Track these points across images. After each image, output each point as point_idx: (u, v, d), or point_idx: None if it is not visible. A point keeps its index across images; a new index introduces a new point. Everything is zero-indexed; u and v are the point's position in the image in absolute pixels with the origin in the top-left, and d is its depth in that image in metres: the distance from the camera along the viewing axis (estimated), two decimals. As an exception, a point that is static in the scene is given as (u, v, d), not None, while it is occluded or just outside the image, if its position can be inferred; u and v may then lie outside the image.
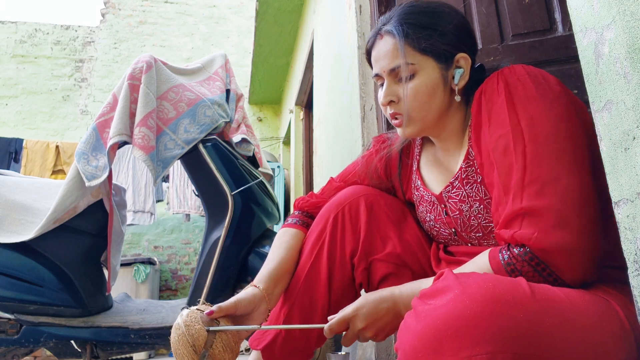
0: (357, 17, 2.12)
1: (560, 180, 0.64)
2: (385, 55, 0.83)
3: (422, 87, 0.81)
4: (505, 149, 0.70)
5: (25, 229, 1.67)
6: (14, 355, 1.71)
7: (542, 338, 0.51)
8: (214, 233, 1.76)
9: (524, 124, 0.69)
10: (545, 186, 0.64)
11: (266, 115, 6.32)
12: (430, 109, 0.82)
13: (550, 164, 0.65)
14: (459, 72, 0.82)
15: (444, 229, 0.90)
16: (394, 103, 0.84)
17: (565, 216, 0.62)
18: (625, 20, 0.57)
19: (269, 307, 0.87)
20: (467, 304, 0.52)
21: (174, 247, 5.46)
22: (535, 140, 0.67)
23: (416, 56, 0.81)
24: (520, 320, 0.51)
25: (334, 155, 2.63)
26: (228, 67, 2.09)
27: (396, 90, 0.83)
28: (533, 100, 0.70)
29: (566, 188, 0.64)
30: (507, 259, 0.66)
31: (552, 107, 0.69)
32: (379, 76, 0.86)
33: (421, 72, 0.81)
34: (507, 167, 0.69)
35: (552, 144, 0.66)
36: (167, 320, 1.70)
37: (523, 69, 0.75)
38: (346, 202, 0.96)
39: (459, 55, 0.83)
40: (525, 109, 0.70)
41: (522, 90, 0.72)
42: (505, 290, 0.53)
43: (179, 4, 6.49)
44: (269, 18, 4.28)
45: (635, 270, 0.57)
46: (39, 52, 5.91)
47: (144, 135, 1.62)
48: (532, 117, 0.69)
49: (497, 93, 0.74)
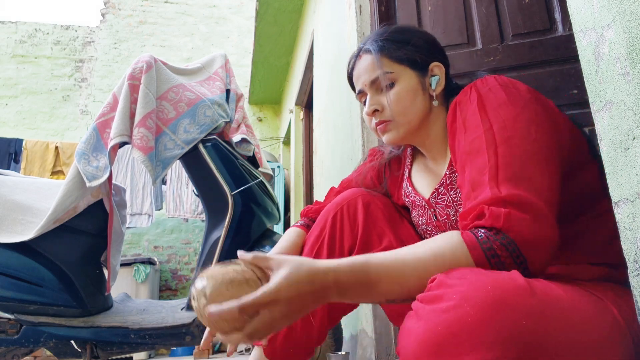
0: (357, 17, 2.12)
1: (532, 179, 0.65)
2: (365, 70, 0.91)
3: (403, 92, 0.87)
4: (478, 150, 0.71)
5: (25, 229, 1.67)
6: (14, 355, 1.71)
7: (544, 341, 0.51)
8: (214, 233, 1.76)
9: (496, 127, 0.71)
10: (520, 182, 0.65)
11: (266, 115, 6.32)
12: (413, 112, 0.88)
13: (522, 163, 0.66)
14: (434, 79, 0.90)
15: (436, 232, 0.94)
16: (378, 112, 0.90)
17: (541, 210, 0.63)
18: (625, 20, 0.57)
19: None
20: (467, 309, 0.51)
21: (174, 247, 5.46)
22: (507, 142, 0.69)
23: (393, 65, 0.88)
24: (522, 324, 0.50)
25: (334, 155, 2.63)
26: (228, 67, 2.09)
27: (379, 100, 0.89)
28: (504, 106, 0.73)
29: (539, 187, 0.65)
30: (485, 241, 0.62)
31: (522, 111, 0.72)
32: (362, 92, 0.93)
33: (400, 80, 0.88)
34: (480, 166, 0.69)
35: (524, 146, 0.68)
36: (167, 320, 1.70)
37: (494, 79, 0.79)
38: (344, 202, 1.01)
39: (433, 64, 0.90)
40: (497, 114, 0.72)
41: (494, 97, 0.75)
42: (505, 293, 0.53)
43: (179, 4, 6.49)
44: (269, 18, 4.28)
45: (635, 270, 0.57)
46: (39, 52, 5.91)
47: (142, 136, 1.62)
48: (504, 120, 0.71)
49: (470, 101, 0.77)
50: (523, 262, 0.61)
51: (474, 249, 0.62)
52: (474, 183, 0.69)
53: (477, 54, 1.69)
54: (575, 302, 0.57)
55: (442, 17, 1.79)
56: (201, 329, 1.66)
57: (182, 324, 1.65)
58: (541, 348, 0.50)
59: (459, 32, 1.74)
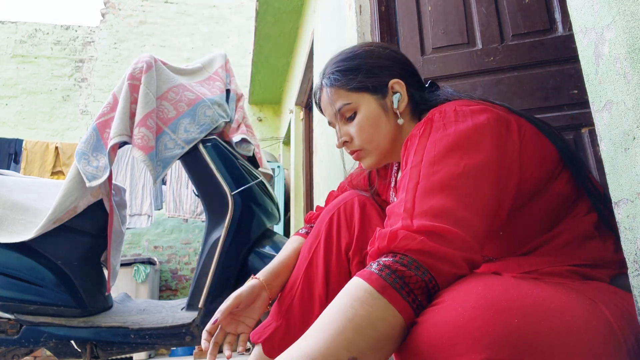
0: (357, 17, 2.12)
1: (453, 215, 0.61)
2: (327, 104, 0.93)
3: (365, 121, 0.88)
4: (401, 187, 0.68)
5: (25, 229, 1.67)
6: (14, 355, 1.71)
7: (537, 342, 0.51)
8: (214, 233, 1.76)
9: (425, 162, 0.67)
10: (436, 216, 0.60)
11: (266, 115, 6.32)
12: (379, 137, 0.88)
13: (442, 199, 0.62)
14: (396, 97, 0.88)
15: None
16: (347, 143, 0.92)
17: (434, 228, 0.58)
18: (625, 20, 0.57)
19: (269, 295, 0.95)
20: (459, 311, 0.51)
21: (174, 247, 5.46)
22: (429, 177, 0.65)
23: (351, 96, 0.88)
24: (515, 326, 0.50)
25: (334, 155, 2.63)
26: (228, 67, 2.09)
27: (346, 131, 0.91)
28: (445, 138, 0.69)
29: (460, 220, 0.61)
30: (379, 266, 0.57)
31: (462, 146, 0.67)
32: (332, 122, 0.95)
33: (361, 108, 0.88)
34: (397, 203, 0.66)
35: (449, 181, 0.64)
36: (167, 320, 1.70)
37: (454, 104, 0.74)
38: (341, 203, 1.03)
39: (392, 82, 0.88)
40: (433, 147, 0.68)
41: (441, 128, 0.70)
42: (498, 296, 0.53)
43: (179, 4, 6.49)
44: (269, 18, 4.28)
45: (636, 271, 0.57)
46: (39, 52, 5.91)
47: (143, 136, 1.62)
48: (436, 155, 0.67)
49: (418, 130, 0.74)
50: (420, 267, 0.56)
51: (368, 277, 0.56)
52: (392, 217, 0.65)
53: (477, 54, 1.69)
54: (567, 303, 0.56)
55: (442, 17, 1.79)
56: (201, 329, 1.66)
57: (182, 324, 1.65)
58: (534, 349, 0.50)
59: (459, 32, 1.74)
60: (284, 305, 0.96)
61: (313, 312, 0.94)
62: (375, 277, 0.56)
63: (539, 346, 0.51)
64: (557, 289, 0.59)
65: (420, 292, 0.56)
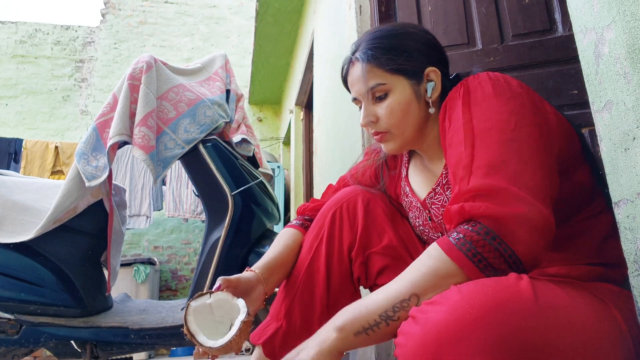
0: (357, 17, 2.12)
1: (508, 166, 0.63)
2: (357, 79, 0.88)
3: (397, 105, 0.85)
4: (457, 142, 0.71)
5: (25, 229, 1.67)
6: (14, 355, 1.71)
7: (544, 346, 0.50)
8: (214, 233, 1.76)
9: (476, 121, 0.70)
10: (493, 169, 0.63)
11: (266, 115, 6.32)
12: (407, 124, 0.86)
13: (498, 150, 0.65)
14: (430, 85, 0.86)
15: (433, 234, 0.92)
16: (373, 123, 0.88)
17: (515, 193, 0.61)
18: (625, 21, 0.57)
19: (265, 290, 0.92)
20: (467, 310, 0.51)
21: (174, 247, 5.46)
22: (485, 133, 0.68)
23: (386, 76, 0.85)
24: (522, 328, 0.50)
25: (334, 155, 2.63)
26: (228, 67, 2.09)
27: (373, 110, 0.87)
28: (488, 99, 0.72)
29: (515, 173, 0.63)
30: (459, 238, 0.61)
31: (506, 103, 0.70)
32: (356, 100, 0.91)
33: (394, 91, 0.85)
34: (457, 158, 0.69)
35: (501, 135, 0.67)
36: (167, 320, 1.70)
37: (486, 74, 0.77)
38: (344, 199, 0.99)
39: (429, 69, 0.86)
40: (479, 108, 0.71)
41: (480, 91, 0.73)
42: (506, 297, 0.52)
43: (179, 4, 6.49)
44: (269, 18, 4.27)
45: (636, 271, 0.57)
46: (39, 52, 5.91)
47: (144, 135, 1.62)
48: (485, 113, 0.70)
49: (457, 97, 0.76)
50: (502, 244, 0.59)
51: (450, 249, 0.61)
52: (454, 176, 0.69)
53: (477, 54, 1.69)
54: (578, 308, 0.56)
55: (442, 17, 1.79)
56: (201, 329, 1.66)
57: (182, 324, 1.65)
58: (541, 352, 0.50)
59: (459, 32, 1.74)
60: (284, 305, 0.94)
61: (314, 314, 0.93)
62: (451, 247, 0.62)
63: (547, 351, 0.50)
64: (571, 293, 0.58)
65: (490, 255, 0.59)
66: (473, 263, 0.59)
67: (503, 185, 0.61)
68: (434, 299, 0.56)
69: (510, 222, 0.59)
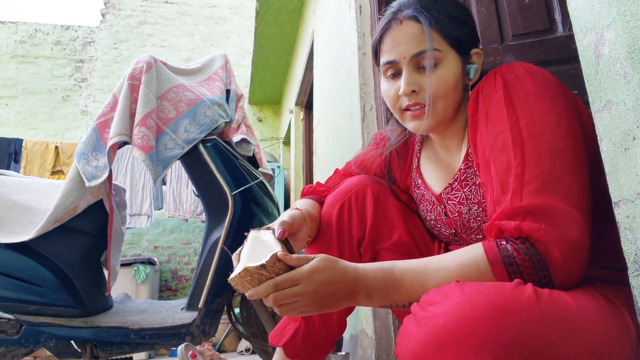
0: (357, 17, 2.12)
1: (561, 180, 0.62)
2: (407, 40, 0.78)
3: (449, 77, 0.77)
4: (503, 146, 0.67)
5: (25, 229, 1.67)
6: (14, 355, 1.71)
7: (546, 349, 0.50)
8: (214, 233, 1.76)
9: (523, 123, 0.66)
10: (546, 184, 0.62)
11: (266, 115, 6.32)
12: (451, 100, 0.79)
13: (550, 162, 0.63)
14: (473, 67, 0.81)
15: (445, 229, 0.90)
16: (414, 93, 0.79)
17: (569, 214, 0.60)
18: (625, 21, 0.57)
19: (308, 232, 0.90)
20: (468, 310, 0.51)
21: (174, 247, 5.46)
22: (535, 139, 0.65)
23: (443, 44, 0.78)
24: (524, 330, 0.50)
25: (334, 155, 2.63)
26: (228, 68, 2.09)
27: (418, 80, 0.78)
28: (532, 98, 0.68)
29: (568, 187, 0.62)
30: (507, 251, 0.61)
31: (552, 105, 0.67)
32: (393, 64, 0.81)
33: (445, 62, 0.78)
34: (505, 164, 0.66)
35: (552, 143, 0.64)
36: (167, 320, 1.70)
37: (522, 67, 0.72)
38: (352, 190, 0.94)
39: (475, 50, 0.82)
40: (524, 107, 0.68)
41: (521, 88, 0.69)
42: (508, 298, 0.52)
43: (179, 4, 6.49)
44: (269, 18, 4.27)
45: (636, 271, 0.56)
46: (39, 52, 5.91)
47: (143, 135, 1.62)
48: (532, 114, 0.67)
49: (495, 90, 0.72)
50: (544, 271, 0.59)
51: (496, 262, 0.61)
52: (502, 184, 0.65)
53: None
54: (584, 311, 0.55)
55: (442, 17, 1.79)
56: (201, 329, 1.66)
57: (182, 324, 1.65)
58: (543, 355, 0.50)
59: (459, 32, 1.74)
60: None
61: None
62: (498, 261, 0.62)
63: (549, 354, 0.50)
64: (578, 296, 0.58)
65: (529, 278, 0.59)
66: (510, 280, 0.60)
67: (557, 205, 0.60)
68: (436, 298, 0.56)
69: (561, 253, 0.59)
